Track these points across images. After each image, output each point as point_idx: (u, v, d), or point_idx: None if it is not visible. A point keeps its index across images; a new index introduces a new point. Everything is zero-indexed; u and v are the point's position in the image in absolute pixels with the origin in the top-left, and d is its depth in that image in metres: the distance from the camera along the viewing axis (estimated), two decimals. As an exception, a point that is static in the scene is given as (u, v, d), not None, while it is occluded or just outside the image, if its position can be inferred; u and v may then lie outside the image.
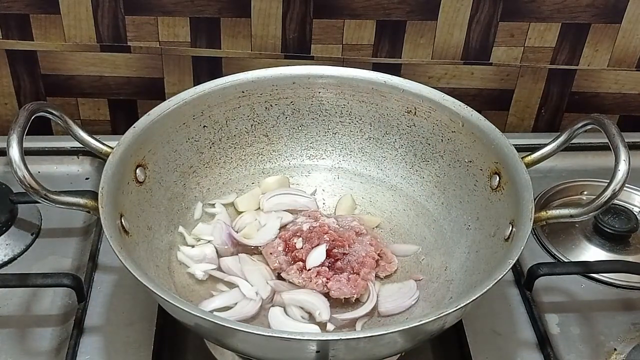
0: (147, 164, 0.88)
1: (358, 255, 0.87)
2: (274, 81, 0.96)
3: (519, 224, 0.78)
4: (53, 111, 0.83)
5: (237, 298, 0.84)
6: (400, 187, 0.98)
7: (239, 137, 0.98)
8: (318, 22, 1.07)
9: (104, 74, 1.11)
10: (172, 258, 0.88)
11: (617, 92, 1.17)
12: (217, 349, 0.85)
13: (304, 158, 1.01)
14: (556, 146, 0.86)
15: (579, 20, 1.09)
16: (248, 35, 1.08)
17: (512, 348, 0.86)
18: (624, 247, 0.99)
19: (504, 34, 1.09)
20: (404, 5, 1.06)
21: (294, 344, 0.69)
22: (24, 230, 0.97)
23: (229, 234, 0.90)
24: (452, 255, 0.89)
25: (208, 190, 0.96)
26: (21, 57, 1.09)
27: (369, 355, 0.73)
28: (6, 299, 0.88)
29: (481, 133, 0.89)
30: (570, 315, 0.90)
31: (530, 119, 1.19)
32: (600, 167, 1.10)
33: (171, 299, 0.70)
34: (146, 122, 0.88)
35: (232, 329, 0.68)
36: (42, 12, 1.05)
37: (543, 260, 0.96)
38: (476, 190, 0.90)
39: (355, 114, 0.98)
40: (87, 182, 1.06)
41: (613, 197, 0.77)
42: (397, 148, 0.98)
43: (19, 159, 0.75)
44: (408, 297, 0.85)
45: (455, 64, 1.12)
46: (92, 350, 0.84)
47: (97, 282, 0.91)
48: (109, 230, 0.75)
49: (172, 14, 1.06)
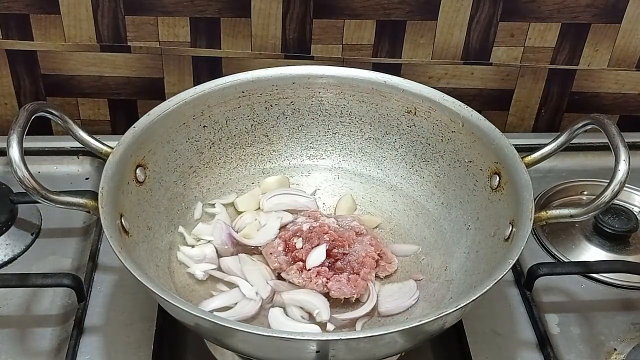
0: (147, 164, 0.88)
1: (358, 255, 0.87)
2: (274, 81, 0.96)
3: (519, 224, 0.78)
4: (53, 111, 0.83)
5: (237, 298, 0.84)
6: (400, 187, 0.98)
7: (239, 137, 0.98)
8: (318, 22, 1.07)
9: (104, 74, 1.11)
10: (172, 258, 0.88)
11: (617, 92, 1.17)
12: (217, 349, 0.85)
13: (304, 158, 1.01)
14: (556, 146, 0.86)
15: (579, 20, 1.09)
16: (248, 35, 1.08)
17: (512, 348, 0.86)
18: (624, 247, 0.99)
19: (504, 34, 1.09)
20: (404, 5, 1.06)
21: (294, 344, 0.69)
22: (24, 230, 0.97)
23: (229, 234, 0.90)
24: (452, 255, 0.89)
25: (208, 190, 0.96)
26: (21, 57, 1.09)
27: (369, 355, 0.73)
28: (6, 299, 0.88)
29: (481, 133, 0.89)
30: (570, 315, 0.90)
31: (530, 119, 1.19)
32: (600, 167, 1.10)
33: (171, 299, 0.70)
34: (146, 122, 0.88)
35: (232, 329, 0.68)
36: (42, 12, 1.05)
37: (543, 260, 0.96)
38: (476, 190, 0.90)
39: (355, 114, 0.98)
40: (87, 182, 1.06)
41: (613, 197, 0.77)
42: (397, 148, 0.98)
43: (19, 159, 0.75)
44: (408, 297, 0.85)
45: (455, 64, 1.12)
46: (92, 350, 0.84)
47: (97, 282, 0.91)
48: (109, 230, 0.75)
49: (172, 14, 1.06)
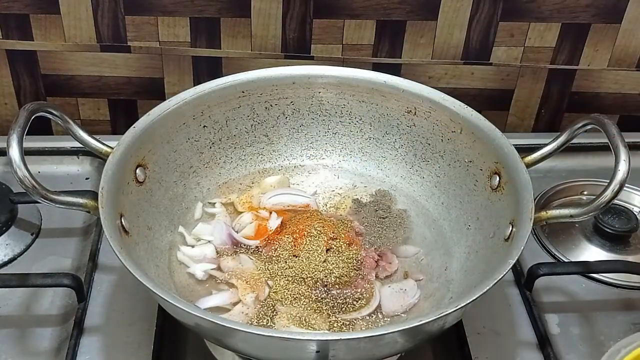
0: (147, 164, 0.88)
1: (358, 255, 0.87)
2: (274, 81, 0.96)
3: (519, 224, 0.78)
4: (53, 111, 0.82)
5: (236, 298, 0.84)
6: (400, 187, 0.98)
7: (239, 137, 0.98)
8: (318, 22, 1.07)
9: (104, 74, 1.11)
10: (172, 258, 0.88)
11: (617, 92, 1.17)
12: (217, 349, 0.85)
13: (304, 158, 1.01)
14: (556, 146, 0.86)
15: (579, 20, 1.09)
16: (248, 35, 1.08)
17: (512, 348, 0.86)
18: (624, 247, 0.99)
19: (504, 34, 1.09)
20: (404, 5, 1.06)
21: (294, 344, 0.69)
22: (24, 230, 0.97)
23: (229, 234, 0.90)
24: (452, 256, 0.89)
25: (208, 190, 0.96)
26: (21, 57, 1.09)
27: (369, 355, 0.73)
28: (6, 299, 0.88)
29: (481, 133, 0.89)
30: (570, 315, 0.90)
31: (530, 119, 1.19)
32: (600, 167, 1.09)
33: (171, 299, 0.70)
34: (146, 122, 0.88)
35: (232, 329, 0.68)
36: (42, 12, 1.05)
37: (543, 260, 0.96)
38: (476, 190, 0.90)
39: (355, 114, 0.98)
40: (87, 182, 1.06)
41: (613, 197, 0.76)
42: (397, 148, 0.98)
43: (19, 159, 0.75)
44: (409, 296, 0.85)
45: (455, 64, 1.12)
46: (92, 350, 0.84)
47: (97, 282, 0.91)
48: (109, 230, 0.75)
49: (172, 14, 1.06)
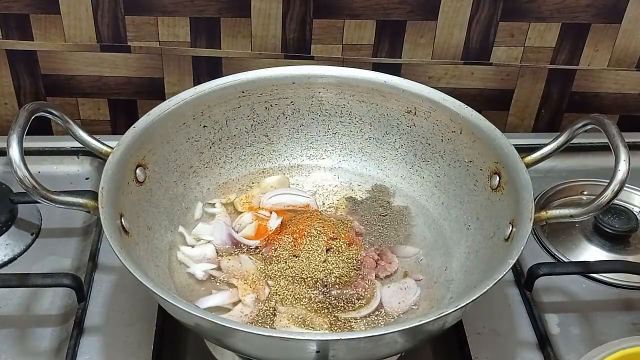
0: (147, 164, 0.88)
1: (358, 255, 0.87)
2: (274, 81, 0.96)
3: (519, 224, 0.78)
4: (53, 111, 0.82)
5: (236, 298, 0.84)
6: (400, 187, 0.98)
7: (239, 137, 0.98)
8: (318, 22, 1.07)
9: (104, 74, 1.11)
10: (172, 258, 0.88)
11: (617, 92, 1.17)
12: (217, 349, 0.85)
13: (304, 158, 1.01)
14: (556, 146, 0.86)
15: (579, 20, 1.09)
16: (248, 35, 1.08)
17: (512, 348, 0.86)
18: (624, 247, 0.99)
19: (504, 34, 1.09)
20: (404, 5, 1.06)
21: (294, 344, 0.69)
22: (24, 230, 0.97)
23: (229, 234, 0.90)
24: (452, 256, 0.89)
25: (208, 190, 0.96)
26: (21, 57, 1.09)
27: (369, 355, 0.73)
28: (6, 299, 0.88)
29: (481, 133, 0.89)
30: (570, 315, 0.90)
31: (530, 119, 1.19)
32: (600, 167, 1.09)
33: (171, 299, 0.70)
34: (146, 122, 0.88)
35: (232, 329, 0.68)
36: (42, 12, 1.05)
37: (543, 260, 0.96)
38: (476, 190, 0.90)
39: (355, 114, 0.98)
40: (87, 182, 1.06)
41: (613, 197, 0.76)
42: (397, 148, 0.98)
43: (19, 159, 0.75)
44: (409, 296, 0.85)
45: (455, 64, 1.12)
46: (92, 350, 0.84)
47: (97, 282, 0.91)
48: (109, 230, 0.75)
49: (172, 14, 1.06)
